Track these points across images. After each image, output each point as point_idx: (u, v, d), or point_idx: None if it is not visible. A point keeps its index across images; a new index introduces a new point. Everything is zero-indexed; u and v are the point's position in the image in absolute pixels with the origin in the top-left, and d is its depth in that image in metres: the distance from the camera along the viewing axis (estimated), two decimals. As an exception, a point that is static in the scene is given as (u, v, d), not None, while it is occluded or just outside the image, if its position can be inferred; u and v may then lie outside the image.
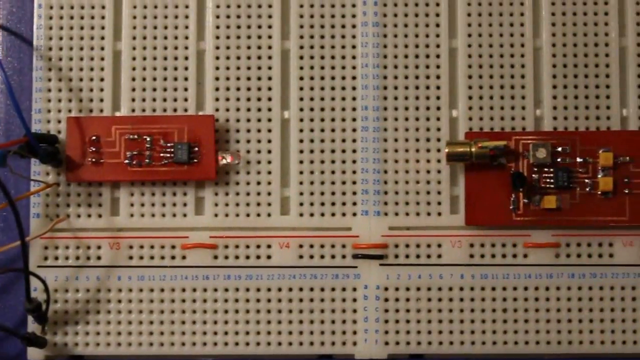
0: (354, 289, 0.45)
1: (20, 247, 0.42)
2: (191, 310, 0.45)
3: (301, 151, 0.46)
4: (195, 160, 0.45)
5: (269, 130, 0.46)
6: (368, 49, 0.46)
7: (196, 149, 0.45)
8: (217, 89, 0.46)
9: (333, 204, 0.45)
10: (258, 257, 0.45)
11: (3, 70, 0.44)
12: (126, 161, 0.45)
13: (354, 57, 0.46)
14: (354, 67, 0.46)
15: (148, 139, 0.45)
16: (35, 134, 0.44)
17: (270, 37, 0.47)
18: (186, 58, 0.46)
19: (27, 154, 0.44)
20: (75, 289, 0.45)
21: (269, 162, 0.46)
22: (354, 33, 0.46)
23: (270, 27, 0.47)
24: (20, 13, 0.47)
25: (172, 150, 0.45)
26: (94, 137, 0.45)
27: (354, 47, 0.46)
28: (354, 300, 0.45)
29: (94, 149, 0.45)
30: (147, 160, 0.45)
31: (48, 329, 0.45)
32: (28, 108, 0.46)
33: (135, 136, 0.45)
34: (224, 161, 0.45)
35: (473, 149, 0.44)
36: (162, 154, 0.45)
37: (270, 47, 0.46)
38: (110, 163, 0.45)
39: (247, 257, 0.45)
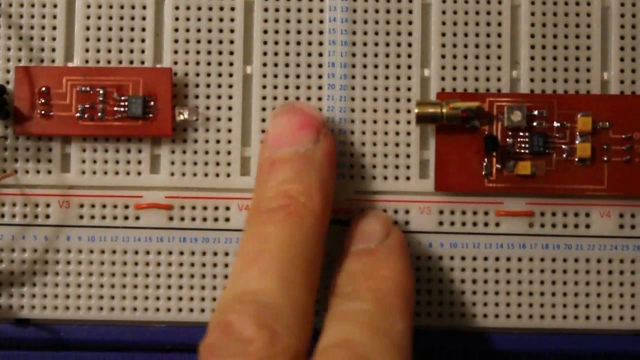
0: (315, 255, 0.42)
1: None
2: (144, 274, 0.43)
3: (264, 109, 0.43)
4: (151, 116, 0.42)
5: (230, 86, 0.43)
6: (336, 1, 0.43)
7: (152, 103, 0.42)
8: (176, 41, 0.43)
9: (296, 165, 0.42)
10: (216, 219, 0.43)
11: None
12: (77, 115, 0.42)
13: (321, 11, 0.43)
14: (321, 21, 0.43)
15: (101, 92, 0.42)
16: (-20, 84, 0.41)
17: (233, -13, 0.43)
18: (144, 7, 0.44)
19: (-28, 104, 0.41)
20: (21, 249, 0.43)
21: (230, 120, 0.43)
22: (322, -16, 0.43)
23: (233, -25, 0.43)
24: (-31, -45, 0.44)
25: (126, 104, 0.42)
26: (43, 89, 0.42)
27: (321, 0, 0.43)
28: (315, 266, 0.42)
29: (43, 101, 0.42)
30: (99, 114, 0.42)
31: (-9, 290, 0.42)
32: (-24, 56, 0.43)
33: (88, 88, 0.42)
34: (181, 117, 0.42)
35: (444, 110, 0.41)
36: (115, 108, 0.42)
37: (233, -2, 0.43)
38: (61, 116, 0.42)
39: (204, 219, 0.43)
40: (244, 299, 0.34)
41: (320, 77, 0.43)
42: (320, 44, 0.43)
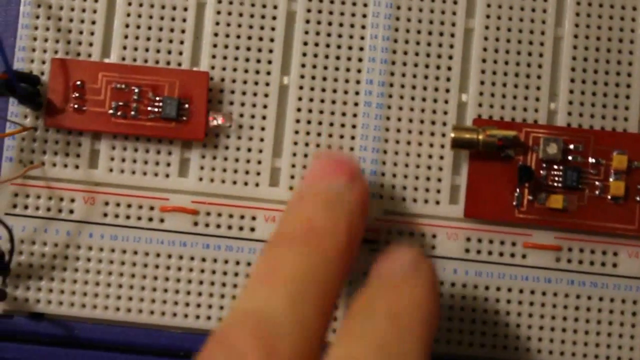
0: (339, 273, 0.42)
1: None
2: (164, 278, 0.42)
3: (297, 121, 0.43)
4: (184, 118, 0.42)
5: (266, 95, 0.43)
6: (379, 19, 0.43)
7: (186, 106, 0.41)
8: (214, 46, 0.43)
9: (326, 180, 0.42)
10: (241, 228, 0.42)
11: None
12: (110, 111, 0.42)
13: (363, 27, 0.43)
14: (362, 38, 0.43)
15: (136, 90, 0.42)
16: (16, 72, 0.41)
17: (276, -4, 0.43)
18: (185, 9, 0.43)
19: (5, 92, 0.40)
20: (42, 242, 0.42)
21: (263, 129, 0.43)
22: (366, 1, 0.43)
23: (278, -15, 0.43)
24: (13, -57, 0.43)
25: (161, 104, 0.41)
26: (78, 83, 0.42)
27: (364, 16, 0.43)
28: (338, 284, 0.42)
29: (77, 95, 0.42)
30: (132, 113, 0.42)
31: (9, 281, 0.42)
32: (12, 45, 0.43)
33: (123, 86, 0.42)
34: (215, 122, 0.42)
35: (480, 137, 0.41)
36: (149, 108, 0.42)
37: (275, 7, 0.43)
38: (94, 112, 0.42)
39: (229, 227, 0.42)
40: (247, 314, 0.33)
41: (357, 93, 0.43)
42: (360, 60, 0.43)
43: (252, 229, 0.42)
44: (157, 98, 0.42)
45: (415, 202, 0.42)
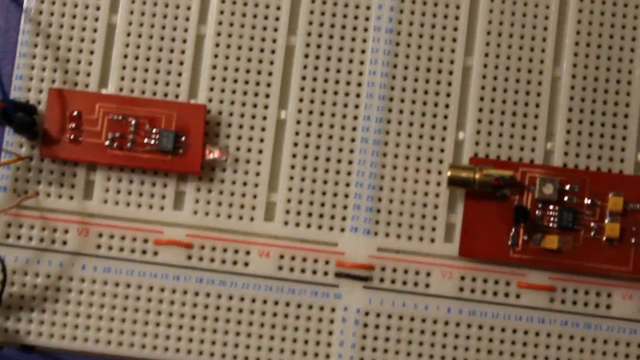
0: (333, 310, 0.42)
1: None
2: (156, 311, 0.42)
3: (294, 155, 0.42)
4: (181, 151, 0.42)
5: (263, 129, 0.43)
6: (378, 55, 0.43)
7: (183, 138, 0.41)
8: (212, 78, 0.43)
9: (321, 215, 0.42)
10: (235, 262, 0.42)
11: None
12: (107, 143, 0.42)
13: (362, 63, 0.43)
14: (360, 73, 0.43)
15: (133, 122, 0.42)
16: (12, 101, 0.41)
17: (276, 29, 0.44)
18: (184, 41, 0.43)
19: (1, 121, 0.40)
20: (35, 273, 0.42)
21: (259, 163, 0.43)
22: (365, 37, 0.43)
23: (277, 19, 0.44)
24: (12, -29, 0.43)
25: (157, 136, 0.41)
26: (75, 113, 0.42)
27: (363, 51, 0.43)
28: (332, 321, 0.42)
29: (74, 126, 0.42)
30: (129, 145, 0.42)
31: (0, 312, 0.41)
32: (9, 73, 0.43)
33: (120, 117, 0.42)
34: (211, 156, 0.42)
35: (477, 176, 0.41)
36: (146, 140, 0.41)
37: (274, 41, 0.43)
38: (90, 143, 0.42)
39: (223, 262, 0.42)
40: None
41: (354, 129, 0.43)
42: (358, 95, 0.43)
43: (246, 264, 0.42)
44: (154, 130, 0.42)
45: (410, 240, 0.42)
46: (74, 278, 0.42)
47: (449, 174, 0.41)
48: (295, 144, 0.43)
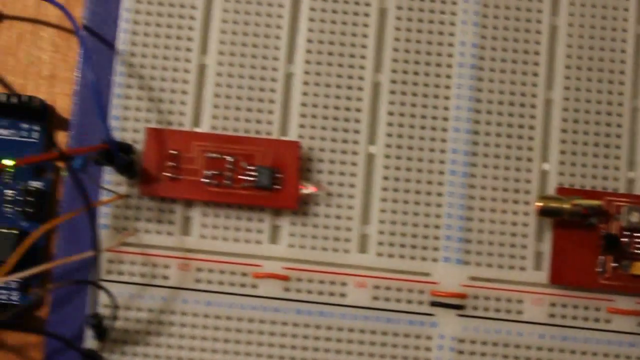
0: (429, 338, 0.43)
1: (84, 259, 0.41)
2: (257, 343, 0.43)
3: (385, 189, 0.44)
4: (277, 187, 0.43)
5: (354, 164, 0.44)
6: (462, 90, 0.44)
7: (279, 175, 0.43)
8: (303, 116, 0.44)
9: (413, 247, 0.44)
10: (332, 294, 0.44)
11: (92, 72, 0.41)
12: (205, 180, 0.43)
13: (447, 98, 0.44)
14: (446, 108, 0.44)
15: (229, 159, 0.43)
16: (115, 142, 0.42)
17: (362, 67, 0.45)
18: (274, 80, 0.44)
19: (105, 162, 0.42)
20: (137, 308, 0.43)
21: (351, 197, 0.44)
22: (449, 73, 0.45)
23: (363, 57, 0.45)
24: (104, 15, 0.45)
25: (254, 173, 0.43)
26: (173, 152, 0.43)
27: (447, 87, 0.45)
28: (428, 349, 0.43)
29: (172, 164, 0.43)
30: (226, 181, 0.43)
31: (106, 346, 0.42)
32: (106, 115, 0.44)
33: (217, 155, 0.43)
34: (306, 191, 0.43)
35: (566, 206, 0.42)
36: (242, 177, 0.43)
37: (361, 78, 0.44)
38: (188, 180, 0.43)
39: (321, 293, 0.44)
40: None
41: (442, 162, 0.44)
42: (444, 130, 0.44)
43: (343, 295, 0.44)
44: (251, 167, 0.43)
45: (500, 268, 0.44)
46: (175, 312, 0.43)
47: (540, 204, 0.43)
48: (386, 178, 0.44)
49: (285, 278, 0.43)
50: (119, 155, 0.42)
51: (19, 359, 0.44)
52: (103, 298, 0.42)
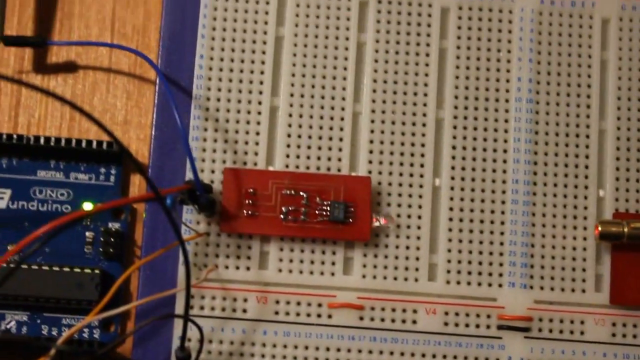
0: (498, 360, 0.45)
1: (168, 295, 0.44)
2: (335, 370, 0.45)
3: (450, 219, 0.46)
4: (350, 220, 0.45)
5: (420, 196, 0.46)
6: (520, 124, 0.47)
7: (352, 209, 0.45)
8: (371, 152, 0.47)
9: (480, 273, 0.46)
10: (404, 321, 0.46)
11: (178, 115, 0.44)
12: (281, 216, 0.45)
13: (506, 131, 0.47)
14: (505, 141, 0.47)
15: (304, 195, 0.45)
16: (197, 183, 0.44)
17: (425, 104, 0.47)
18: (342, 119, 0.47)
19: (189, 201, 0.44)
20: (219, 340, 0.46)
21: (419, 228, 0.46)
22: (507, 107, 0.47)
23: (426, 95, 0.47)
24: (179, 62, 0.48)
25: (328, 208, 0.45)
26: (250, 190, 0.45)
27: (506, 121, 0.47)
28: (498, 371, 0.45)
29: (250, 202, 0.45)
30: (302, 217, 0.45)
31: (191, 379, 0.45)
32: (182, 156, 0.47)
33: (292, 192, 0.45)
34: (377, 223, 0.46)
35: (626, 230, 0.45)
36: (317, 212, 0.45)
37: (425, 115, 0.47)
38: (265, 216, 0.46)
39: (393, 321, 0.46)
40: None
41: (504, 192, 0.47)
42: (505, 161, 0.47)
43: (414, 322, 0.46)
44: (325, 202, 0.45)
45: (563, 291, 0.46)
46: (255, 343, 0.46)
47: (600, 229, 0.45)
48: (451, 209, 0.47)
49: (359, 307, 0.46)
50: (203, 195, 0.44)
51: (104, 394, 0.46)
52: (187, 332, 0.44)
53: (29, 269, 0.45)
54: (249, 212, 0.46)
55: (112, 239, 0.47)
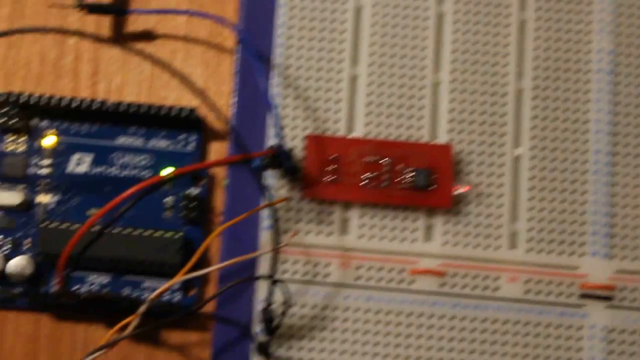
0: (580, 328, 0.46)
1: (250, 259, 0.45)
2: (416, 336, 0.45)
3: (531, 188, 0.46)
4: (432, 188, 0.45)
5: (501, 165, 0.46)
6: (601, 95, 0.47)
7: (434, 176, 0.45)
8: (450, 121, 0.47)
9: (561, 242, 0.46)
10: (485, 288, 0.46)
11: (262, 83, 0.44)
12: (363, 183, 0.45)
13: (586, 102, 0.47)
14: (586, 112, 0.47)
15: (387, 163, 0.46)
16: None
17: (505, 75, 0.47)
18: (422, 88, 0.47)
19: (273, 165, 0.44)
20: (301, 305, 0.46)
21: (500, 196, 0.46)
22: (588, 78, 0.47)
23: (505, 65, 0.47)
24: (259, 30, 0.48)
25: (411, 175, 0.45)
26: (333, 157, 0.46)
27: (587, 92, 0.47)
28: (579, 339, 0.46)
29: (332, 168, 0.46)
30: (383, 184, 0.45)
31: (273, 341, 0.45)
32: (262, 124, 0.47)
33: (374, 159, 0.46)
34: (459, 191, 0.46)
35: None
36: (399, 179, 0.45)
37: (505, 85, 0.47)
38: (347, 183, 0.46)
39: (475, 288, 0.46)
40: None
41: (584, 162, 0.47)
42: (585, 132, 0.47)
43: (496, 289, 0.46)
44: (408, 169, 0.46)
45: (646, 262, 0.46)
46: (337, 308, 0.46)
47: (684, 198, 0.45)
48: (532, 178, 0.47)
49: (440, 274, 0.46)
50: (288, 160, 0.44)
51: (187, 358, 0.46)
52: (269, 295, 0.44)
53: (112, 232, 0.45)
54: (331, 178, 0.45)
55: (192, 204, 0.47)
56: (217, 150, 0.49)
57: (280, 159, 0.44)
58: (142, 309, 0.42)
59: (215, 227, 0.47)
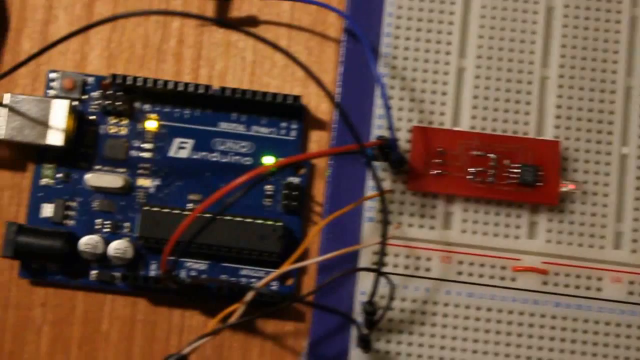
0: (684, 332, 0.45)
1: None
2: (517, 334, 0.45)
3: (638, 188, 0.46)
4: (539, 184, 0.45)
5: (607, 164, 0.46)
6: None
7: (541, 172, 0.45)
8: (558, 117, 0.46)
9: (666, 244, 0.45)
10: (588, 288, 0.45)
11: (376, 68, 0.44)
12: (469, 177, 0.45)
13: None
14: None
15: (493, 157, 0.45)
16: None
17: (614, 72, 0.46)
18: (529, 82, 0.46)
19: (380, 156, 0.44)
20: (401, 298, 0.45)
21: (605, 195, 0.46)
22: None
23: (615, 62, 0.47)
24: (367, 19, 0.47)
25: (517, 171, 0.45)
26: (439, 149, 0.45)
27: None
28: (684, 343, 0.45)
29: (438, 161, 0.45)
30: (490, 179, 0.45)
31: (373, 334, 0.45)
32: (367, 114, 0.46)
33: (481, 153, 0.45)
34: (565, 188, 0.45)
35: None
36: (505, 174, 0.45)
37: (614, 82, 0.46)
38: (453, 176, 0.45)
39: (577, 287, 0.45)
40: None
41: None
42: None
43: (599, 289, 0.45)
44: (513, 165, 0.45)
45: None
46: (438, 302, 0.45)
47: None
48: (639, 177, 0.46)
49: (544, 272, 0.45)
50: (396, 151, 0.44)
51: (282, 348, 0.46)
52: (369, 288, 0.44)
53: (213, 219, 0.45)
54: (438, 172, 0.45)
55: (292, 193, 0.47)
56: (317, 139, 0.48)
57: (387, 150, 0.44)
58: (249, 296, 0.42)
59: (315, 217, 0.47)
